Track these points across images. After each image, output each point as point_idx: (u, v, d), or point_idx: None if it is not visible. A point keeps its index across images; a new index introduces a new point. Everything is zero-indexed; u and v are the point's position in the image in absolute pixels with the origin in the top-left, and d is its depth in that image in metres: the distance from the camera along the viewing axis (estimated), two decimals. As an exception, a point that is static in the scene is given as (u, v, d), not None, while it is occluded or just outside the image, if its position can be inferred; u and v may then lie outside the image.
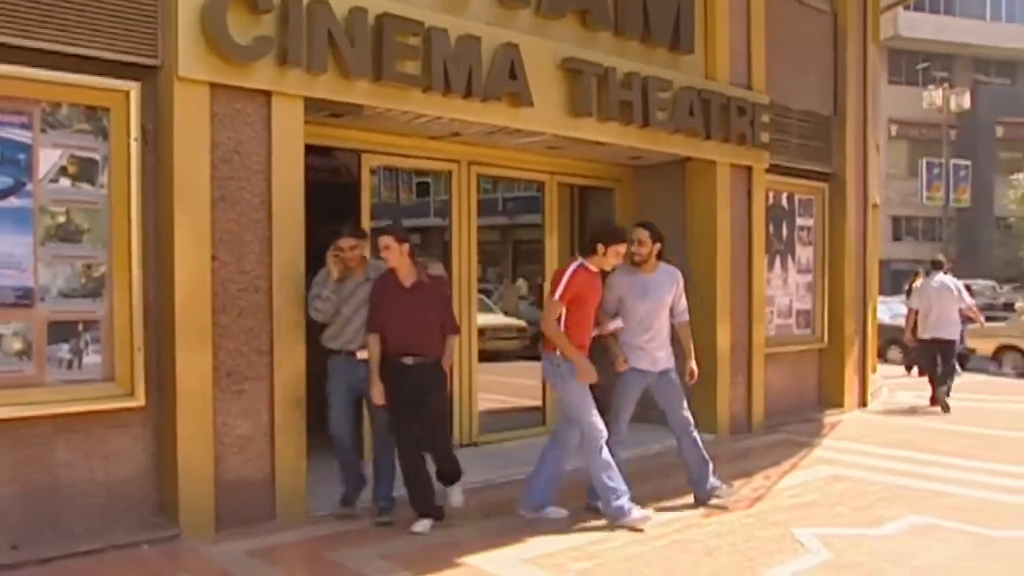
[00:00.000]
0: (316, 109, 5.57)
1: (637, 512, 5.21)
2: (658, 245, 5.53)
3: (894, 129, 39.75)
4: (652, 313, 5.54)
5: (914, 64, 41.04)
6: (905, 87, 39.38)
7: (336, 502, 5.49)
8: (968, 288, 11.35)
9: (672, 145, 7.47)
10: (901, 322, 15.32)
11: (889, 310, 16.39)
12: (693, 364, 5.78)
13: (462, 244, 7.25)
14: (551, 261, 7.94)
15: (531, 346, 8.23)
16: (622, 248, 5.22)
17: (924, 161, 32.91)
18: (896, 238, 41.17)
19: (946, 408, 9.83)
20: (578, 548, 4.82)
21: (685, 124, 7.40)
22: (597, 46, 6.93)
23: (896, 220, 41.01)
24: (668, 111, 7.26)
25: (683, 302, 5.75)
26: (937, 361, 10.18)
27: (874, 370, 11.62)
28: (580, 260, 5.20)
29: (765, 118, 8.18)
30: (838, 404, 9.52)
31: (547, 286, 5.84)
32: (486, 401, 7.69)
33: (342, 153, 6.88)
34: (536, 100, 6.33)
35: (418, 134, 6.68)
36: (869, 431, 8.47)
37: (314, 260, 5.38)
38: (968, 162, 34.38)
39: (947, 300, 10.06)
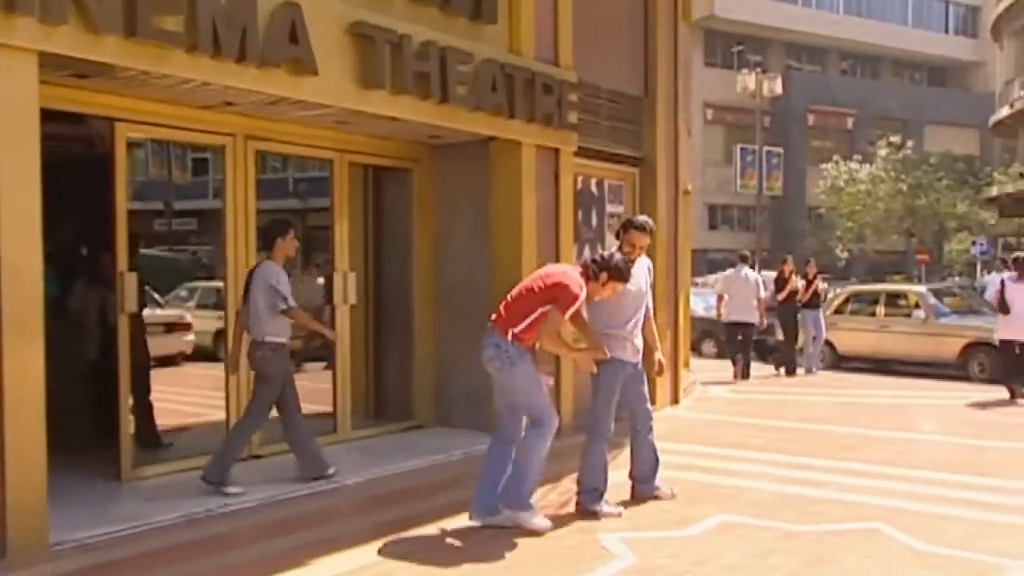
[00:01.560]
0: (57, 67, 5.21)
1: (539, 519, 5.47)
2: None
3: (710, 113, 42.30)
4: (637, 301, 5.96)
5: (730, 46, 43.83)
6: (721, 70, 41.99)
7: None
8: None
9: (473, 123, 7.55)
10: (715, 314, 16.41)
11: (703, 301, 17.39)
12: (660, 355, 6.40)
13: (239, 229, 7.01)
14: (341, 250, 7.85)
15: (323, 345, 8.10)
16: (620, 287, 5.64)
17: (738, 147, 35.23)
18: (712, 227, 43.89)
19: (746, 375, 13.34)
20: (369, 567, 4.80)
21: (487, 101, 7.51)
22: (391, 11, 6.90)
23: (712, 208, 43.72)
24: (469, 86, 7.33)
25: (650, 293, 6.21)
26: (739, 341, 13.44)
27: (687, 365, 12.33)
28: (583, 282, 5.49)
29: (573, 97, 8.43)
30: (650, 401, 9.97)
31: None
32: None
33: (96, 121, 6.48)
34: (321, 68, 6.22)
35: (185, 102, 6.40)
36: (680, 429, 8.97)
37: (62, 247, 5.04)
38: (781, 150, 37.13)
39: (748, 289, 13.17)
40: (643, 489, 6.23)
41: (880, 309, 15.15)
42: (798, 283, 13.95)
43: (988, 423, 9.51)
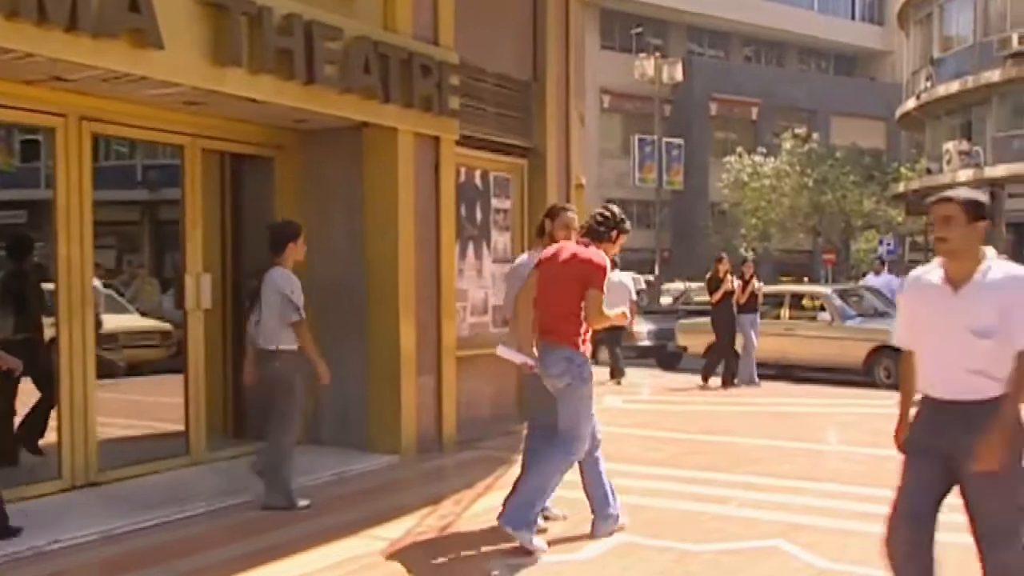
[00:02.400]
0: None
1: (538, 540, 5.55)
2: None
3: (607, 100, 42.93)
4: None
5: (628, 28, 44.59)
6: (619, 54, 42.64)
7: None
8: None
9: (343, 107, 7.48)
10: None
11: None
12: None
13: (72, 222, 6.74)
14: (193, 248, 7.64)
15: (176, 356, 7.90)
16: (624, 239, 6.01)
17: (636, 138, 35.72)
18: (610, 224, 44.44)
19: (619, 377, 14.19)
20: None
21: (359, 82, 7.45)
22: (249, -21, 6.77)
23: (609, 203, 44.35)
24: (338, 65, 7.27)
25: None
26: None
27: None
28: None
29: (454, 80, 8.44)
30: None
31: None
32: (111, 427, 7.31)
33: None
34: (168, 41, 6.04)
35: (6, 76, 6.12)
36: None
37: None
38: (681, 141, 37.88)
39: (618, 292, 13.37)
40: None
41: (784, 311, 15.58)
42: (733, 284, 13.76)
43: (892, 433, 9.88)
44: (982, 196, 3.74)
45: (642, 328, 17.20)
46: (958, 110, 30.24)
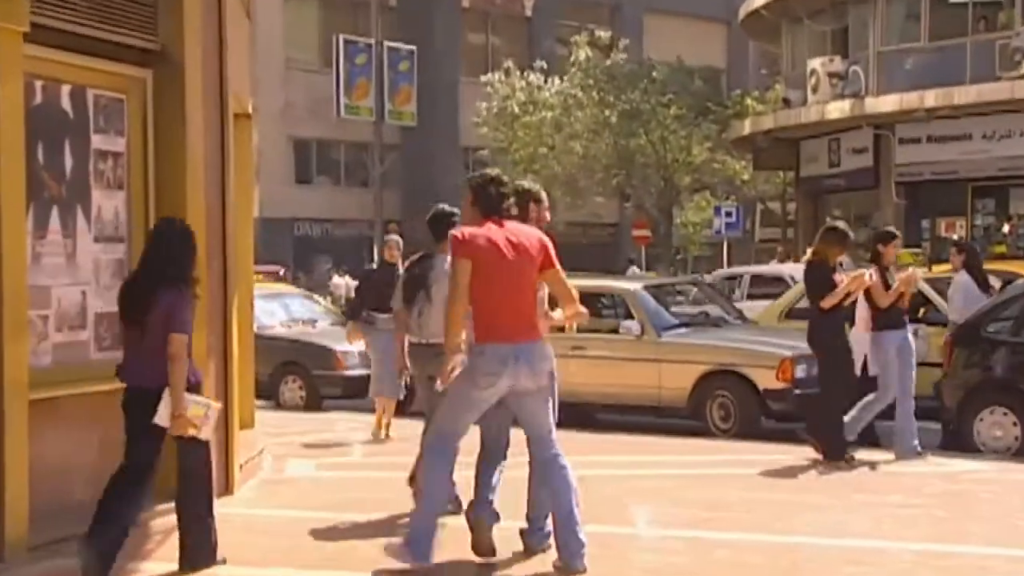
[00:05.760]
0: None
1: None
2: None
3: (295, -20, 42.81)
4: None
5: None
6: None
7: None
8: None
9: None
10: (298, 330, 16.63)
11: (285, 309, 17.60)
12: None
13: None
14: None
15: None
16: None
17: (341, 39, 35.45)
18: (303, 179, 44.46)
19: None
20: None
21: None
22: None
23: (302, 146, 44.27)
24: None
25: None
26: None
27: (250, 423, 12.28)
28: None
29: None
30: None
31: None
32: None
33: None
34: None
35: None
36: (232, 539, 8.87)
37: None
38: (414, 48, 38.04)
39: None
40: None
41: (572, 320, 15.87)
42: (869, 276, 12.06)
43: (728, 505, 10.32)
44: None
45: (351, 348, 17.01)
46: (828, 10, 31.89)
